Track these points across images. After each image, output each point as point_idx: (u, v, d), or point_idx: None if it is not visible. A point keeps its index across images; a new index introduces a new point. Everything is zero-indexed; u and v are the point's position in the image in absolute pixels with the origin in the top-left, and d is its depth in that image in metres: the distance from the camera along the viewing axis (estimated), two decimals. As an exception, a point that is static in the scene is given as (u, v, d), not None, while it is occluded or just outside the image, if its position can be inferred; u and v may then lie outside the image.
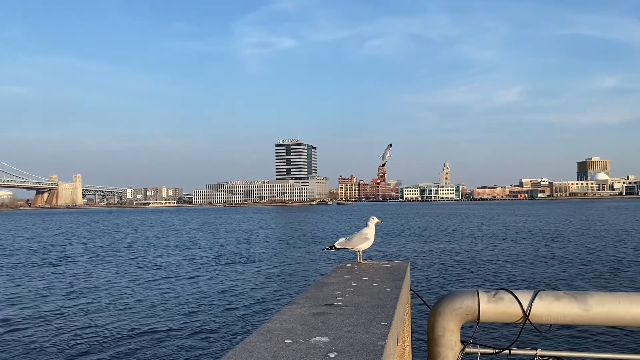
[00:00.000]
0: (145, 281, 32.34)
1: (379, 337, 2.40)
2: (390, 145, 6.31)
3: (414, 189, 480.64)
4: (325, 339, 2.40)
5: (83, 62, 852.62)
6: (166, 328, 19.94)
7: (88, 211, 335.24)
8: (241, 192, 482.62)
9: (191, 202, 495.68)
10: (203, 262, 41.81)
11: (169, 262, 42.30)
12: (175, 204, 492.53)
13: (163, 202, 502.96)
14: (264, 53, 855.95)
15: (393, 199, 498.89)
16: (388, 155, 6.27)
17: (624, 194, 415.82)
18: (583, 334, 16.27)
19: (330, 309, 3.05)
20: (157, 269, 38.40)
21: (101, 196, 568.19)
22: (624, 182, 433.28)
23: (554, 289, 4.32)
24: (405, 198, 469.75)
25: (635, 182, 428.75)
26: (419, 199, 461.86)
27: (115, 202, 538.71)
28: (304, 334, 2.49)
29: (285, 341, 2.39)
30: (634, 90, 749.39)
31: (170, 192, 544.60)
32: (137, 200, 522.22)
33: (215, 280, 32.24)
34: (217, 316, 21.92)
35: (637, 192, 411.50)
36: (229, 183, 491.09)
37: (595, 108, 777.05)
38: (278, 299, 25.09)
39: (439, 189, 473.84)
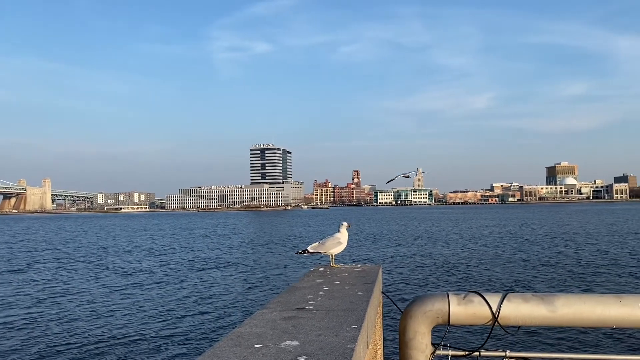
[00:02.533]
0: (116, 287, 31.75)
1: (348, 340, 2.40)
2: (406, 175, 6.31)
3: (388, 194, 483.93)
4: (295, 342, 2.40)
5: (53, 65, 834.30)
6: (136, 335, 19.60)
7: (57, 216, 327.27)
8: (215, 197, 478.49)
9: (164, 207, 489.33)
10: (175, 268, 41.26)
11: (141, 268, 41.61)
12: (147, 209, 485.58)
13: (135, 207, 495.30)
14: (238, 57, 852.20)
15: (367, 203, 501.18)
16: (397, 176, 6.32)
17: (591, 198, 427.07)
18: (550, 335, 16.58)
19: (301, 312, 3.05)
20: (128, 274, 37.72)
21: (71, 201, 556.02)
22: (591, 187, 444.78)
23: (522, 291, 4.40)
24: (380, 202, 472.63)
25: (602, 187, 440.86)
26: (393, 203, 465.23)
27: (86, 207, 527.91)
28: (274, 339, 2.48)
29: (255, 346, 2.37)
30: (601, 97, 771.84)
31: (143, 197, 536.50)
32: (108, 205, 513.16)
33: (188, 285, 31.85)
34: (189, 322, 21.65)
35: (604, 196, 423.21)
36: (203, 188, 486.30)
37: (564, 114, 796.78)
38: (251, 304, 24.92)
39: (413, 193, 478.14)
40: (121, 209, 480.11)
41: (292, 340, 2.44)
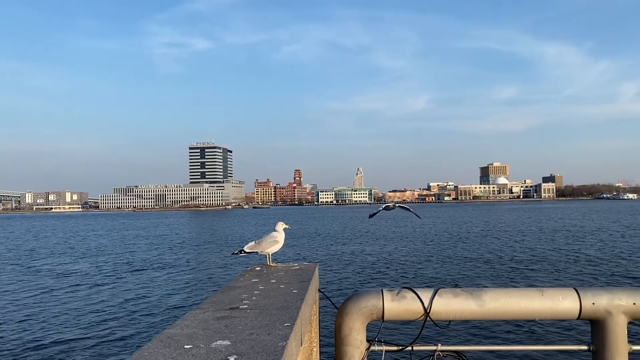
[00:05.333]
0: (45, 290, 30.27)
1: (280, 338, 2.40)
2: (391, 207, 6.28)
3: (329, 193, 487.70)
4: (226, 342, 2.37)
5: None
6: (65, 339, 18.80)
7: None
8: (152, 196, 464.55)
9: (98, 207, 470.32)
10: (109, 270, 39.81)
11: (72, 270, 39.84)
12: (80, 209, 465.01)
13: (67, 207, 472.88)
14: (177, 53, 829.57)
15: (309, 202, 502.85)
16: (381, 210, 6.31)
17: (521, 197, 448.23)
18: (479, 329, 17.26)
19: (234, 312, 3.02)
20: (58, 277, 36.04)
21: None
22: (521, 186, 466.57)
23: (454, 286, 4.55)
24: (321, 202, 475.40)
25: (531, 186, 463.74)
26: (334, 202, 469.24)
27: (13, 207, 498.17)
28: (205, 339, 2.44)
29: (185, 346, 2.33)
30: (530, 101, 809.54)
31: (75, 197, 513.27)
32: (37, 205, 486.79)
33: (121, 288, 30.84)
34: (121, 325, 20.97)
35: (533, 195, 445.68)
36: (139, 187, 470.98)
37: (497, 117, 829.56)
38: (186, 305, 24.45)
39: (353, 192, 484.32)
40: (52, 208, 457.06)
41: (224, 340, 2.41)
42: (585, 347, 3.87)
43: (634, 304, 3.73)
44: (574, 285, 3.99)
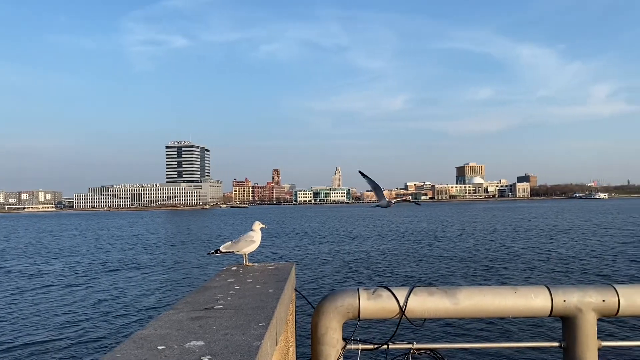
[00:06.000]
0: (17, 291, 29.62)
1: (255, 338, 2.39)
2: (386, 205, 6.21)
3: (307, 193, 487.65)
4: (200, 343, 2.35)
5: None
6: (37, 340, 18.45)
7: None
8: (128, 196, 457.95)
9: (72, 206, 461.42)
10: (83, 270, 39.14)
11: (45, 271, 39.05)
12: (54, 209, 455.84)
13: (40, 206, 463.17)
14: (154, 51, 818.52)
15: (287, 202, 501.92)
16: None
17: (496, 196, 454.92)
18: (454, 327, 17.46)
19: (209, 312, 2.99)
20: (30, 278, 35.28)
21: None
22: (496, 186, 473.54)
23: (429, 285, 4.59)
24: (299, 201, 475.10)
25: (506, 186, 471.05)
26: (312, 202, 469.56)
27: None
28: (179, 340, 2.42)
29: (158, 347, 2.30)
30: (505, 102, 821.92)
31: (49, 196, 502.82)
32: (9, 204, 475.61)
33: (95, 288, 30.36)
34: (94, 326, 20.65)
35: (508, 195, 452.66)
36: (115, 186, 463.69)
37: (473, 117, 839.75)
38: (160, 306, 24.18)
39: (331, 192, 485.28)
40: (24, 208, 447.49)
41: (198, 340, 2.39)
42: (556, 344, 3.94)
43: (603, 301, 3.82)
44: (546, 283, 4.06)
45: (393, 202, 6.12)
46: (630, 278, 28.32)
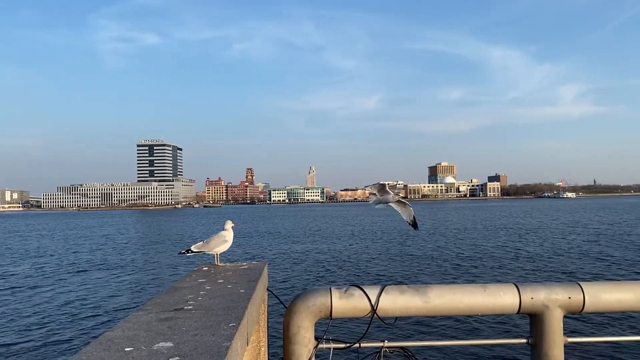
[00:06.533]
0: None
1: (225, 339, 2.37)
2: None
3: (281, 192, 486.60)
4: (169, 344, 2.32)
5: None
6: (2, 343, 17.92)
7: None
8: (98, 195, 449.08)
9: (40, 206, 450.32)
10: (51, 271, 38.22)
11: (11, 272, 37.97)
12: (21, 209, 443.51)
13: (6, 206, 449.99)
14: (125, 48, 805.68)
15: (261, 201, 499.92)
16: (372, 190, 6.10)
17: (468, 195, 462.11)
18: (424, 325, 17.64)
19: (179, 313, 2.95)
20: (-5, 280, 34.30)
21: None
22: (468, 185, 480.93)
23: (401, 283, 4.62)
24: (273, 200, 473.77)
25: (477, 185, 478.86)
26: (287, 201, 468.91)
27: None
28: (147, 341, 2.38)
29: (126, 349, 2.26)
30: (476, 102, 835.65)
31: (15, 195, 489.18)
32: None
33: (63, 289, 29.68)
34: (61, 328, 20.19)
35: (479, 194, 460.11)
36: (84, 185, 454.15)
37: (445, 118, 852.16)
38: (130, 307, 23.78)
39: (305, 191, 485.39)
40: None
41: (167, 341, 2.36)
42: (524, 341, 4.02)
43: (569, 297, 3.91)
44: (514, 281, 4.13)
45: (400, 195, 5.97)
46: (595, 275, 29.09)
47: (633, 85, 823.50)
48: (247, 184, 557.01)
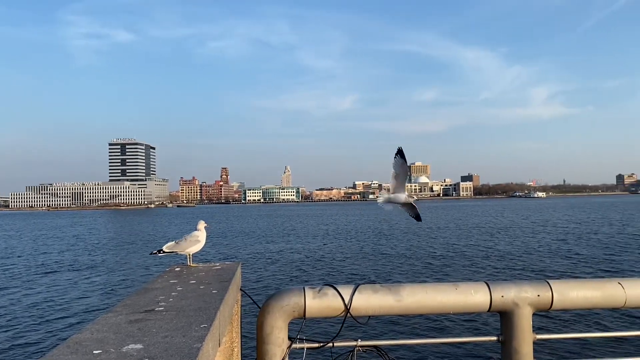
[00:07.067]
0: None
1: (196, 340, 2.34)
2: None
3: (256, 191, 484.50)
4: (139, 346, 2.28)
5: None
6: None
7: None
8: (69, 194, 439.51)
9: (8, 206, 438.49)
10: (19, 272, 37.32)
11: (-24, 275, 36.96)
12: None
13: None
14: (96, 45, 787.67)
15: (236, 201, 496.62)
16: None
17: (441, 195, 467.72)
18: (397, 324, 17.80)
19: (149, 315, 2.91)
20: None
21: None
22: (441, 185, 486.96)
23: (374, 282, 4.65)
24: (248, 200, 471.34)
25: (450, 185, 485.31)
26: (262, 201, 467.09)
27: None
28: (116, 343, 2.33)
29: (94, 352, 2.22)
30: (449, 103, 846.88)
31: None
32: None
33: (32, 291, 29.02)
34: (28, 331, 19.76)
35: (452, 194, 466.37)
36: (54, 185, 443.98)
37: (418, 118, 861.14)
38: (99, 309, 23.39)
39: (281, 191, 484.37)
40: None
41: (136, 344, 2.32)
42: (494, 338, 4.09)
43: (538, 295, 3.99)
44: (485, 280, 4.20)
45: (414, 198, 5.70)
46: (563, 273, 29.80)
47: (601, 87, 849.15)
48: (221, 183, 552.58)
